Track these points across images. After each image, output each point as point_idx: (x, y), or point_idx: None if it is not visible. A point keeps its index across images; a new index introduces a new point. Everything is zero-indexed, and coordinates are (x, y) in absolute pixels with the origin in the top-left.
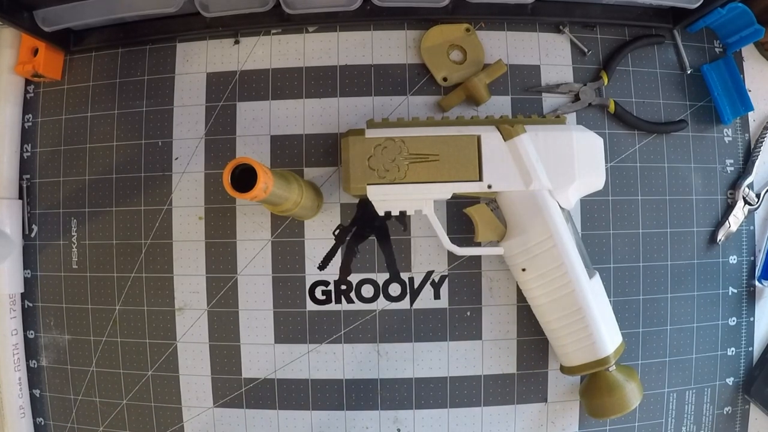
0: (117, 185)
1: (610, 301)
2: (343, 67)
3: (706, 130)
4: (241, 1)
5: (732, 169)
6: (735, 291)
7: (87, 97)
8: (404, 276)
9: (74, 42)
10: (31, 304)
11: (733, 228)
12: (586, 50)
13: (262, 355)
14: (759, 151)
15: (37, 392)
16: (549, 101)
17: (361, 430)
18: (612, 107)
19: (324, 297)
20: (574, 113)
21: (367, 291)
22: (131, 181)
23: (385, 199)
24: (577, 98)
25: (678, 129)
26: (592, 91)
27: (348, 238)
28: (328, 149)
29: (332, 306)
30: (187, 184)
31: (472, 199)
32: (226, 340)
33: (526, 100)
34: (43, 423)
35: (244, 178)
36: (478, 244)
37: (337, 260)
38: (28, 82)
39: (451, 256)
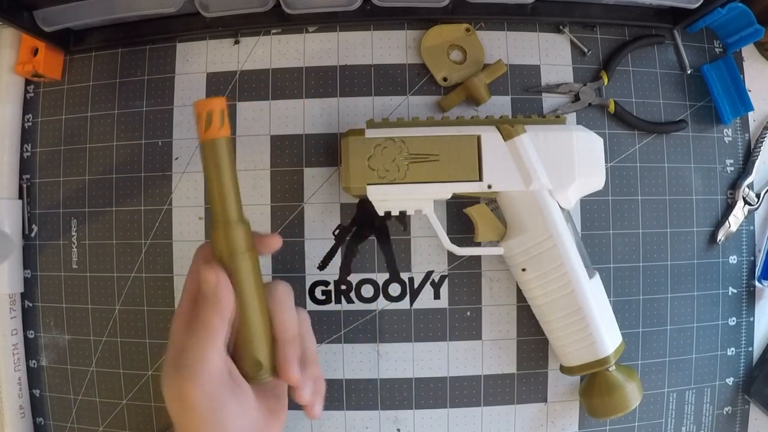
0: (117, 185)
1: (610, 301)
2: (343, 67)
3: (706, 130)
4: (241, 1)
5: (732, 169)
6: (735, 291)
7: (87, 97)
8: (404, 276)
9: (74, 42)
10: (31, 304)
11: (733, 228)
12: (586, 50)
13: None
14: (759, 151)
15: (37, 392)
16: (549, 101)
17: (361, 430)
18: (612, 107)
19: (324, 297)
20: (574, 113)
21: (367, 291)
22: (131, 181)
23: (385, 199)
24: (577, 98)
25: (678, 129)
26: (592, 91)
27: (348, 238)
28: (328, 149)
29: (332, 306)
30: (187, 184)
31: (472, 199)
32: None
33: (526, 100)
34: (43, 423)
35: None
36: (478, 244)
37: (337, 260)
38: (28, 82)
39: (451, 256)
